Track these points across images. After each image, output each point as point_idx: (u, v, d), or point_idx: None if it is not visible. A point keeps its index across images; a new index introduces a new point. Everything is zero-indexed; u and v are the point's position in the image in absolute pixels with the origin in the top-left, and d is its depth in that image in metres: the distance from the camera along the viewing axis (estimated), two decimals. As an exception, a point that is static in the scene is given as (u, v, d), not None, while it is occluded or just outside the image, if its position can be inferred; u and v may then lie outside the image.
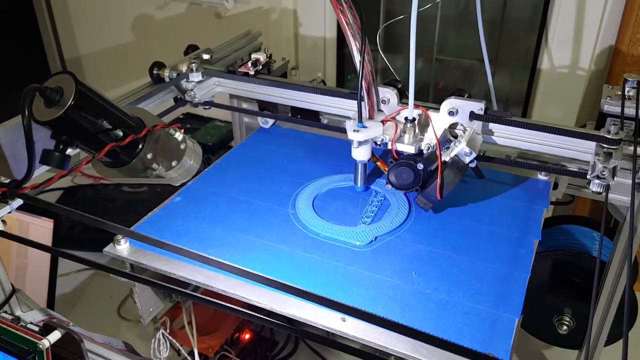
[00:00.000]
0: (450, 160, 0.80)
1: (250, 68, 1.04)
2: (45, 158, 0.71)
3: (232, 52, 1.19)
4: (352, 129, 0.83)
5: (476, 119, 0.85)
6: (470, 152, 0.78)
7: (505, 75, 1.55)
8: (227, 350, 1.05)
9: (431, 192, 0.81)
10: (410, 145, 0.82)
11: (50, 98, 0.68)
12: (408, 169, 0.83)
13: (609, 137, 0.77)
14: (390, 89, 0.89)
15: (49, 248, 1.05)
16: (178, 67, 1.05)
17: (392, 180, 0.86)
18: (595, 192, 0.77)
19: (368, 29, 0.82)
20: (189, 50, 1.13)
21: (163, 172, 0.86)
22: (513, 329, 0.66)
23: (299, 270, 0.76)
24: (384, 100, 0.89)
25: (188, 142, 0.89)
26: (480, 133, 0.85)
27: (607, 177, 0.75)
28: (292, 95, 1.02)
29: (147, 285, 0.77)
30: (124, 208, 1.59)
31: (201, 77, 1.04)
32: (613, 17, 1.21)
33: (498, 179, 0.95)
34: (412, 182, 0.84)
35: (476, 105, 0.85)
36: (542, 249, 0.97)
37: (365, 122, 0.85)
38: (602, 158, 0.76)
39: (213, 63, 1.13)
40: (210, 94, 1.07)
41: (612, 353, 0.94)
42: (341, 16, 0.80)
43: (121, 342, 0.81)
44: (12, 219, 1.15)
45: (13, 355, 0.66)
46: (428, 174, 0.84)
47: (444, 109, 0.86)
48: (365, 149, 0.86)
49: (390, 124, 0.86)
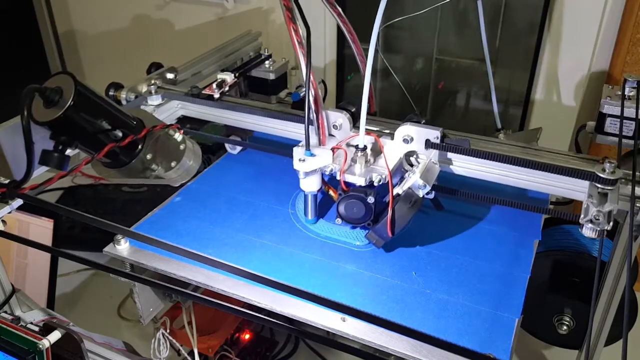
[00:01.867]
0: (403, 193, 0.73)
1: (214, 90, 0.95)
2: (44, 158, 0.70)
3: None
4: (298, 158, 0.77)
5: (432, 147, 0.77)
6: (424, 185, 0.72)
7: (505, 75, 1.55)
8: (227, 350, 1.05)
9: (383, 228, 0.74)
10: (361, 177, 0.75)
11: (49, 98, 0.68)
12: (358, 202, 0.78)
13: (603, 177, 0.68)
14: (342, 113, 0.81)
15: (49, 248, 1.05)
16: (137, 89, 0.98)
17: (342, 214, 0.80)
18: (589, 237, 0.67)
19: (368, 29, 0.82)
20: (151, 68, 1.05)
21: (162, 173, 0.86)
22: (513, 329, 0.66)
23: (299, 270, 0.76)
24: (336, 126, 0.82)
25: (187, 142, 0.89)
26: (437, 163, 0.79)
27: (602, 222, 0.65)
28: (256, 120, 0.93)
29: (147, 285, 0.77)
30: (124, 208, 1.59)
31: (161, 100, 0.96)
32: (613, 17, 1.21)
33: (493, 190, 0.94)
34: (362, 216, 0.79)
35: (432, 133, 0.77)
36: (542, 249, 0.97)
37: (314, 149, 0.78)
38: (595, 201, 0.67)
39: (178, 83, 1.05)
40: (172, 117, 0.98)
41: (612, 353, 0.94)
42: (293, 36, 0.76)
43: (121, 342, 0.81)
44: (12, 219, 1.15)
45: (13, 355, 0.66)
46: (382, 206, 0.78)
47: (398, 136, 0.79)
48: (313, 179, 0.80)
49: (340, 152, 0.78)
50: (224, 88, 0.96)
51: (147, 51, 1.83)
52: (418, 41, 1.63)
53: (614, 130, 0.86)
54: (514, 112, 1.52)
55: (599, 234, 0.66)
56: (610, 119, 0.85)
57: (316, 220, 0.86)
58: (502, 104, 1.55)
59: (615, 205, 0.66)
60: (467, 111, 1.68)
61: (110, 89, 0.97)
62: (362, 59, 0.90)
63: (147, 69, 1.06)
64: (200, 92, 0.96)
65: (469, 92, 1.66)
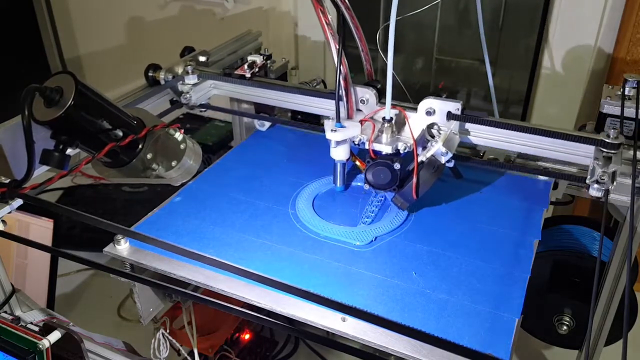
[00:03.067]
0: (427, 160, 0.80)
1: (246, 70, 1.03)
2: (45, 158, 0.71)
3: (229, 53, 1.18)
4: (330, 129, 0.84)
5: (453, 119, 0.84)
6: (446, 152, 0.78)
7: (505, 75, 1.55)
8: (227, 350, 1.05)
9: (408, 192, 0.81)
10: (388, 145, 0.82)
11: (50, 98, 0.68)
12: (385, 169, 0.83)
13: (608, 142, 0.75)
14: (369, 89, 0.89)
15: (49, 248, 1.05)
16: (174, 69, 1.04)
17: (370, 180, 0.85)
18: (595, 196, 0.76)
19: (368, 29, 0.82)
20: (185, 52, 1.13)
21: (163, 172, 0.86)
22: (513, 329, 0.66)
23: (299, 270, 0.76)
24: (363, 101, 0.89)
25: (188, 142, 0.89)
26: (458, 133, 0.85)
27: (607, 181, 0.74)
28: (286, 97, 1.01)
29: (147, 285, 0.77)
30: (124, 208, 1.59)
31: (197, 79, 1.03)
32: (613, 17, 1.21)
33: (498, 179, 0.95)
34: (389, 181, 0.84)
35: (453, 106, 0.84)
36: (542, 249, 0.97)
37: (344, 122, 0.86)
38: (601, 162, 0.75)
39: (210, 65, 1.12)
40: (206, 96, 1.06)
41: (612, 353, 0.94)
42: (322, 17, 0.81)
43: (121, 342, 0.81)
44: (12, 219, 1.15)
45: (13, 355, 0.66)
46: (406, 174, 0.83)
47: (422, 109, 0.85)
48: (343, 148, 0.87)
49: (368, 124, 0.86)
50: (254, 69, 1.04)
51: (147, 51, 1.83)
52: (418, 41, 1.63)
53: (614, 130, 0.86)
54: (514, 112, 1.52)
55: (604, 194, 0.74)
56: (610, 119, 0.85)
57: (344, 189, 0.94)
58: (502, 104, 1.55)
59: (618, 166, 0.74)
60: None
61: (149, 70, 1.03)
62: (366, 57, 0.92)
63: (181, 53, 1.12)
64: (233, 73, 1.04)
65: (469, 92, 1.66)
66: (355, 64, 0.93)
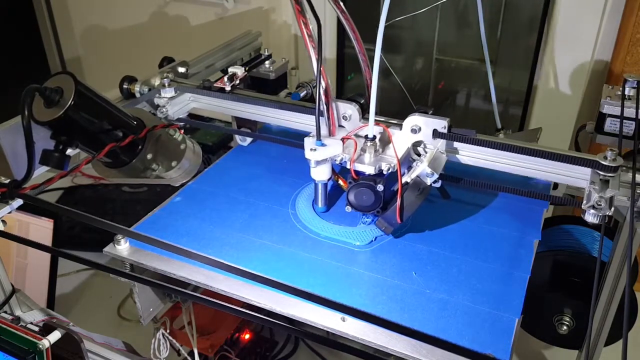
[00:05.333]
0: (411, 181, 0.75)
1: (226, 83, 0.96)
2: (44, 158, 0.71)
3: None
4: (310, 148, 0.79)
5: (439, 137, 0.80)
6: (432, 173, 0.74)
7: (505, 75, 1.55)
8: (227, 350, 1.05)
9: (391, 215, 0.76)
10: (370, 166, 0.77)
11: (50, 98, 0.68)
12: (368, 190, 0.78)
13: (605, 164, 0.70)
14: (351, 105, 0.84)
15: (49, 248, 1.05)
16: (150, 82, 0.99)
17: (352, 201, 0.81)
18: (591, 222, 0.70)
19: (368, 29, 0.82)
20: (163, 62, 1.07)
21: (163, 173, 0.86)
22: (513, 329, 0.66)
23: (299, 270, 0.76)
24: (345, 117, 0.84)
25: (188, 142, 0.89)
26: (444, 152, 0.80)
27: (604, 207, 0.68)
28: (267, 112, 0.95)
29: (147, 285, 0.77)
30: (124, 208, 1.59)
31: (174, 92, 0.96)
32: (613, 17, 1.21)
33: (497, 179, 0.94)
34: (372, 204, 0.79)
35: (439, 123, 0.79)
36: (542, 249, 0.97)
37: (325, 139, 0.80)
38: (597, 187, 0.69)
39: (189, 76, 1.06)
40: (184, 110, 0.99)
41: (612, 353, 0.94)
42: (303, 29, 0.77)
43: (121, 342, 0.81)
44: (12, 219, 1.15)
45: (13, 355, 0.66)
46: (390, 195, 0.79)
47: (406, 126, 0.81)
48: (324, 168, 0.81)
49: (350, 142, 0.80)
50: (235, 81, 0.97)
51: (147, 51, 1.83)
52: (418, 41, 1.63)
53: (614, 130, 0.86)
54: (514, 112, 1.52)
55: (600, 220, 0.69)
56: (610, 119, 0.85)
57: (326, 209, 0.88)
58: (502, 104, 1.55)
59: (616, 191, 0.68)
60: (467, 111, 1.68)
61: (124, 82, 0.99)
62: (364, 57, 0.90)
63: (159, 63, 1.07)
64: (212, 85, 0.98)
65: (469, 92, 1.66)
66: (356, 64, 0.93)
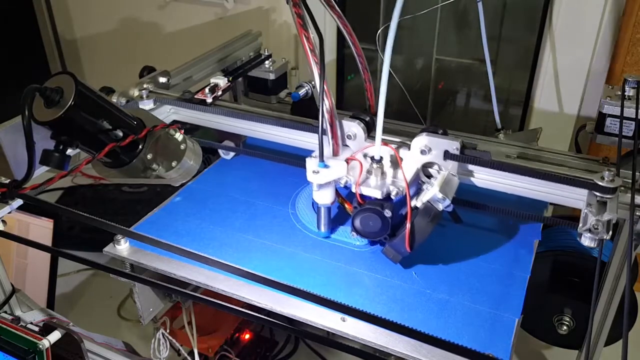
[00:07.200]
0: (422, 206, 0.70)
1: (207, 94, 0.92)
2: (45, 158, 0.70)
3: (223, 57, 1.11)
4: (312, 170, 0.74)
5: (451, 159, 0.73)
6: (443, 198, 0.68)
7: (505, 75, 1.55)
8: (227, 350, 1.05)
9: (400, 243, 0.71)
10: (377, 189, 0.72)
11: (50, 98, 0.68)
12: (374, 216, 0.73)
13: (603, 185, 0.67)
14: (355, 123, 0.77)
15: (49, 248, 1.05)
16: (128, 93, 0.95)
17: (357, 228, 0.76)
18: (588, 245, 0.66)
19: (368, 29, 0.82)
20: (143, 72, 1.03)
21: (163, 173, 0.86)
22: (513, 329, 0.66)
23: (299, 270, 0.76)
24: (350, 136, 0.78)
25: (188, 142, 0.89)
26: (456, 175, 0.74)
27: (601, 231, 0.64)
28: (251, 126, 0.90)
29: (147, 285, 0.77)
30: (124, 208, 1.59)
31: (152, 104, 0.93)
32: (613, 17, 1.21)
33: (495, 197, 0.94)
34: (379, 230, 0.74)
35: (450, 144, 0.72)
36: (542, 249, 0.97)
37: (328, 160, 0.74)
38: (594, 210, 0.65)
39: (171, 87, 1.02)
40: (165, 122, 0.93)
41: (612, 353, 0.94)
42: (305, 43, 0.74)
43: (121, 342, 0.81)
44: (12, 219, 1.15)
45: (13, 355, 0.66)
46: (399, 219, 0.73)
47: (415, 147, 0.75)
48: (327, 191, 0.77)
49: (355, 164, 0.75)
50: (216, 92, 0.93)
51: (147, 51, 1.83)
52: (418, 41, 1.63)
53: (614, 130, 0.86)
54: (514, 112, 1.52)
55: (597, 244, 0.65)
56: (610, 119, 0.85)
57: (329, 234, 0.83)
58: (502, 104, 1.55)
59: (614, 215, 0.65)
60: (467, 111, 1.68)
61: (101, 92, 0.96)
62: (362, 60, 0.89)
63: (140, 73, 1.03)
64: (193, 97, 0.93)
65: (469, 92, 1.66)
66: (356, 64, 0.93)
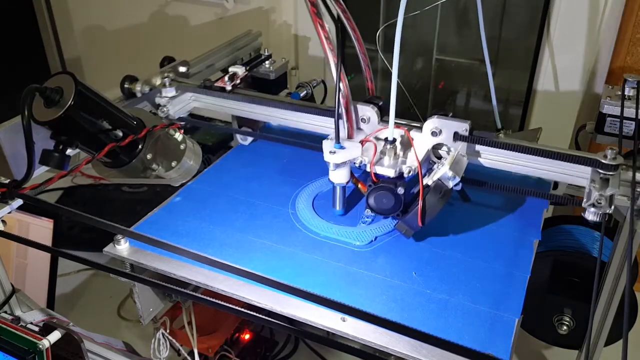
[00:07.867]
0: (433, 184, 0.75)
1: (227, 82, 0.95)
2: (44, 158, 0.71)
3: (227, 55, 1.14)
4: (329, 150, 0.79)
5: (460, 140, 0.78)
6: (453, 176, 0.73)
7: (505, 75, 1.55)
8: (227, 350, 1.05)
9: (412, 218, 0.76)
10: (390, 169, 0.76)
11: (50, 98, 0.68)
12: (388, 194, 0.78)
13: (605, 163, 0.71)
14: (369, 107, 0.82)
15: (49, 248, 1.05)
16: (151, 81, 0.98)
17: (372, 205, 0.80)
18: (592, 220, 0.70)
19: (368, 29, 0.82)
20: (164, 62, 1.07)
21: (163, 173, 0.86)
22: (513, 329, 0.66)
23: (299, 270, 0.76)
24: (364, 119, 0.83)
25: (188, 142, 0.89)
26: (465, 155, 0.79)
27: (604, 205, 0.69)
28: (270, 112, 0.94)
29: (147, 285, 0.77)
30: (124, 208, 1.59)
31: (175, 92, 0.96)
32: (613, 17, 1.21)
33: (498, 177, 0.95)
34: (392, 207, 0.78)
35: (460, 126, 0.78)
36: (542, 249, 0.97)
37: (344, 142, 0.79)
38: (598, 185, 0.70)
39: (190, 76, 1.06)
40: (185, 109, 0.99)
41: (612, 353, 0.94)
42: (320, 31, 0.76)
43: (121, 342, 0.81)
44: (12, 219, 1.15)
45: (13, 355, 0.66)
46: (411, 198, 0.78)
47: (427, 129, 0.80)
48: (343, 171, 0.81)
49: (369, 145, 0.80)
50: (235, 81, 0.97)
51: (147, 51, 1.83)
52: (418, 41, 1.63)
53: (614, 130, 0.86)
54: (514, 112, 1.52)
55: (601, 218, 0.69)
56: (610, 119, 0.85)
57: (344, 213, 0.87)
58: (502, 104, 1.55)
59: (616, 190, 0.69)
60: (467, 111, 1.68)
61: (125, 81, 0.98)
62: (364, 57, 0.90)
63: (160, 63, 1.07)
64: (213, 85, 0.97)
65: (469, 92, 1.66)
66: (356, 64, 0.93)
